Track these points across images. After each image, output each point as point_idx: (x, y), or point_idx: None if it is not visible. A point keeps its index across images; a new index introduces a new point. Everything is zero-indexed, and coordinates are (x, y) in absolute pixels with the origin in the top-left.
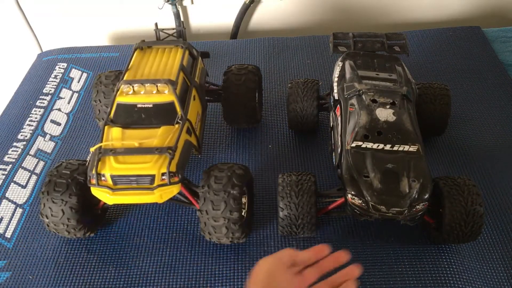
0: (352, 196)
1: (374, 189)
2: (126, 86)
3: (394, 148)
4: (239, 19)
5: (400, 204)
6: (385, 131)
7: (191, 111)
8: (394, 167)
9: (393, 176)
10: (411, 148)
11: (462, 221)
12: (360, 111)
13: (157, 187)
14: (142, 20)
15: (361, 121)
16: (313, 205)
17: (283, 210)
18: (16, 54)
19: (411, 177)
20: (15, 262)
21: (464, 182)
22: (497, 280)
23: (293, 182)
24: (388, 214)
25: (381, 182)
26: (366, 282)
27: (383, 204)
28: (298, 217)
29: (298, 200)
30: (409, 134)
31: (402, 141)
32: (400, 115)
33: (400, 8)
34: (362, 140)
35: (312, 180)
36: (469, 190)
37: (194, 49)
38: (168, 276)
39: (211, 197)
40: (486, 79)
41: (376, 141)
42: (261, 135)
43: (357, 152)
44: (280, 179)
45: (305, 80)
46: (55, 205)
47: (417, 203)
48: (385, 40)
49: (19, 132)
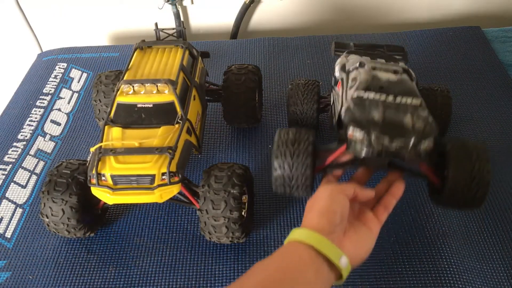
0: (353, 128)
1: (377, 122)
2: (126, 86)
3: (397, 100)
4: (239, 19)
5: (404, 135)
6: (387, 86)
7: (191, 111)
8: (397, 109)
9: (397, 114)
10: (413, 102)
11: (466, 188)
12: (362, 73)
13: (157, 187)
14: (142, 20)
15: (362, 79)
16: (308, 166)
17: (276, 170)
18: (16, 54)
19: (415, 116)
20: (15, 262)
21: (474, 145)
22: (497, 280)
23: (289, 141)
24: (392, 146)
25: (384, 118)
26: (366, 282)
27: (387, 134)
28: (292, 177)
29: (293, 161)
30: (411, 91)
31: (404, 94)
32: (402, 78)
33: (400, 8)
34: (364, 90)
35: (310, 139)
36: (479, 154)
37: (194, 49)
38: (168, 276)
39: (211, 197)
40: (486, 79)
41: (378, 92)
42: (261, 135)
43: (359, 99)
44: (276, 136)
45: (305, 82)
46: (55, 204)
47: (422, 139)
48: (385, 50)
49: (19, 132)
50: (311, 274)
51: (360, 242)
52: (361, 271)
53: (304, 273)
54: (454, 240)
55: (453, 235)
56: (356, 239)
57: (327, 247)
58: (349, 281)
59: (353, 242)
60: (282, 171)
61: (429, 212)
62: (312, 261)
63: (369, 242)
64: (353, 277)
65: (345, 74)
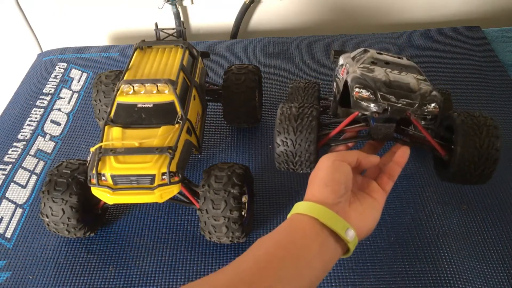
0: (359, 89)
1: (383, 82)
2: (126, 86)
3: (402, 74)
4: (239, 19)
5: (410, 95)
6: (393, 63)
7: (191, 111)
8: (403, 76)
9: (403, 78)
10: (418, 76)
11: (473, 164)
12: (368, 55)
13: (158, 187)
14: (142, 20)
15: (369, 56)
16: (312, 142)
17: (279, 146)
18: (16, 54)
19: (420, 83)
20: (15, 262)
21: (484, 121)
22: (497, 280)
23: (292, 116)
24: (398, 104)
25: (391, 82)
26: (366, 282)
27: (393, 94)
28: (295, 154)
29: (296, 137)
30: (416, 68)
31: (409, 70)
32: (407, 61)
33: (400, 8)
34: (370, 64)
35: (313, 114)
36: (488, 131)
37: (194, 48)
38: (168, 276)
39: (211, 196)
40: (486, 79)
41: (384, 66)
42: (261, 135)
43: (366, 68)
44: (279, 111)
45: (305, 84)
46: (56, 204)
47: (427, 102)
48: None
49: (19, 132)
50: (315, 248)
51: (366, 213)
52: (361, 271)
53: (308, 248)
54: (454, 240)
55: (453, 235)
56: (361, 210)
57: (332, 219)
58: (349, 281)
59: (358, 213)
60: (286, 147)
61: (429, 212)
62: (316, 234)
63: (375, 212)
64: (353, 277)
65: (350, 59)
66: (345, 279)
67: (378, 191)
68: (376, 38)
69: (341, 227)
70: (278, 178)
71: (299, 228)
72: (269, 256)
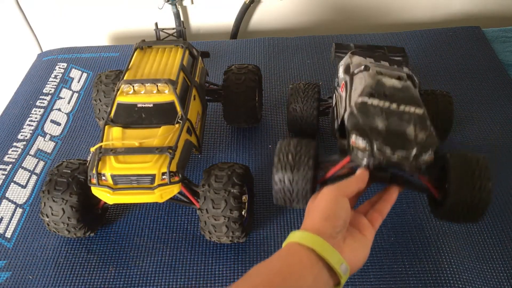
0: (356, 138)
1: (379, 131)
2: (126, 86)
3: (400, 109)
4: (239, 19)
5: (406, 146)
6: (391, 93)
7: (191, 110)
8: (400, 118)
9: (400, 124)
10: (416, 111)
11: (465, 206)
12: (367, 77)
13: (158, 187)
14: (142, 20)
15: (367, 84)
16: (309, 181)
17: (277, 184)
18: (16, 54)
19: (417, 127)
20: (15, 262)
21: (477, 162)
22: (497, 280)
23: (290, 154)
24: (393, 157)
25: (388, 127)
26: (366, 282)
27: (389, 145)
28: (292, 191)
29: (293, 175)
30: (414, 99)
31: (408, 103)
32: (406, 85)
33: (400, 8)
34: (368, 96)
35: (311, 152)
36: (478, 161)
37: (194, 48)
38: (168, 276)
39: (212, 196)
40: (486, 79)
41: (382, 99)
42: (261, 135)
43: (364, 105)
44: (278, 147)
45: (305, 86)
46: (56, 204)
47: (423, 151)
48: (386, 52)
49: (19, 132)
50: (310, 279)
51: (357, 249)
52: (361, 271)
53: (304, 279)
54: (454, 240)
55: (453, 235)
56: (354, 247)
57: (329, 252)
58: (349, 281)
59: (351, 249)
60: (283, 185)
61: (429, 212)
62: (312, 265)
63: (365, 250)
64: (353, 277)
65: (349, 76)
66: None
67: (368, 228)
68: (376, 38)
69: (336, 261)
70: None
71: (296, 257)
72: (265, 283)
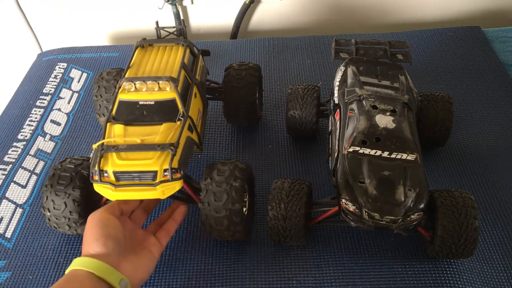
0: (346, 202)
1: (369, 196)
2: (128, 84)
3: (392, 156)
4: (239, 19)
5: (394, 212)
6: (384, 137)
7: (193, 108)
8: (391, 174)
9: (389, 183)
10: (409, 157)
11: (454, 244)
12: (360, 116)
13: (160, 183)
14: (142, 20)
15: (359, 127)
16: (301, 218)
17: (271, 221)
18: (16, 54)
19: (407, 186)
20: (15, 262)
21: (459, 194)
22: (497, 280)
23: (284, 191)
24: (382, 222)
25: (377, 189)
26: (366, 282)
27: (377, 211)
28: (285, 228)
29: (286, 212)
30: (408, 143)
31: (400, 149)
32: (400, 123)
33: (400, 8)
34: (359, 145)
35: (304, 190)
36: (464, 201)
37: (195, 47)
38: (168, 276)
39: (214, 189)
40: (486, 79)
41: (374, 147)
42: (261, 135)
43: (354, 158)
44: (273, 186)
45: (303, 90)
46: (58, 197)
47: (412, 213)
48: (388, 47)
49: (19, 132)
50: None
51: (140, 264)
52: (361, 271)
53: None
54: None
55: None
56: (136, 262)
57: (107, 272)
58: (349, 281)
59: (132, 264)
60: (276, 222)
61: None
62: (94, 287)
63: (150, 263)
64: (353, 277)
65: (344, 104)
66: (345, 279)
67: (155, 245)
68: (376, 38)
69: (114, 279)
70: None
71: (77, 282)
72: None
